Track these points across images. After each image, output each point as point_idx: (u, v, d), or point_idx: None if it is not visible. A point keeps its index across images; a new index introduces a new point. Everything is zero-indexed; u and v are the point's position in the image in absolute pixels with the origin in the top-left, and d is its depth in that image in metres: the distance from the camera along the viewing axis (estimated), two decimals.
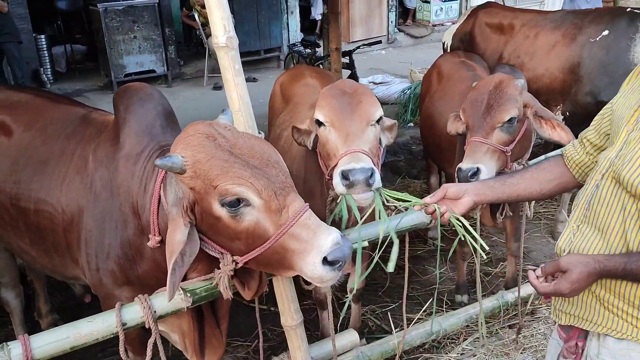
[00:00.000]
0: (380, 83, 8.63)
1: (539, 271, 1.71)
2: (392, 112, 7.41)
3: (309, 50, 8.55)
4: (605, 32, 4.14)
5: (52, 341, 1.90)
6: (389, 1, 12.34)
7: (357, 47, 8.15)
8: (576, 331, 1.80)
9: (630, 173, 1.58)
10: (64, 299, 4.04)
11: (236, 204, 1.78)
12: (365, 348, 2.95)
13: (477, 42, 5.08)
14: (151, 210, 2.05)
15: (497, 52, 4.84)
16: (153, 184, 2.08)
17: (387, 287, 3.99)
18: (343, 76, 6.48)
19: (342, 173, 2.13)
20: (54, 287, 4.01)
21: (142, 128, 2.28)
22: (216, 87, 9.30)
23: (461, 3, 12.98)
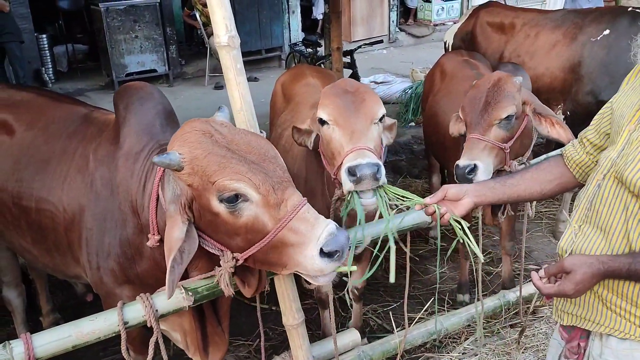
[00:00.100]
0: (381, 82, 8.62)
1: (542, 272, 1.69)
2: (394, 111, 7.41)
3: (310, 50, 8.54)
4: (607, 32, 4.14)
5: (53, 340, 1.91)
6: (390, 1, 12.31)
7: (359, 47, 8.13)
8: (578, 331, 1.80)
9: (634, 173, 1.57)
10: (66, 297, 4.04)
11: (234, 200, 1.79)
12: (366, 347, 2.96)
13: (478, 41, 5.08)
14: (150, 209, 2.05)
15: (498, 51, 4.84)
16: (152, 183, 2.08)
17: (388, 286, 3.98)
18: (344, 76, 6.47)
19: (348, 169, 2.12)
20: (56, 286, 4.02)
21: (141, 127, 2.29)
22: (217, 87, 9.29)
23: (462, 2, 12.94)
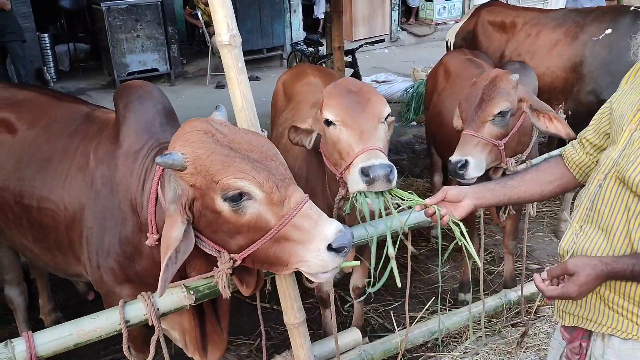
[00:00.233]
0: (383, 82, 8.63)
1: (545, 274, 1.68)
2: (395, 110, 7.41)
3: (311, 49, 8.56)
4: (608, 31, 4.13)
5: (55, 338, 1.91)
6: (392, 0, 12.33)
7: (360, 46, 8.15)
8: (580, 332, 1.79)
9: (636, 174, 1.57)
10: (67, 296, 4.04)
11: (238, 198, 1.79)
12: (367, 346, 2.96)
13: (479, 40, 5.08)
14: (149, 207, 2.05)
15: (499, 50, 4.83)
16: (151, 182, 2.09)
17: (389, 285, 3.98)
18: (346, 75, 6.47)
19: (362, 170, 2.12)
20: (57, 284, 4.02)
21: (141, 126, 2.29)
22: (219, 86, 9.30)
23: (464, 1, 12.94)
